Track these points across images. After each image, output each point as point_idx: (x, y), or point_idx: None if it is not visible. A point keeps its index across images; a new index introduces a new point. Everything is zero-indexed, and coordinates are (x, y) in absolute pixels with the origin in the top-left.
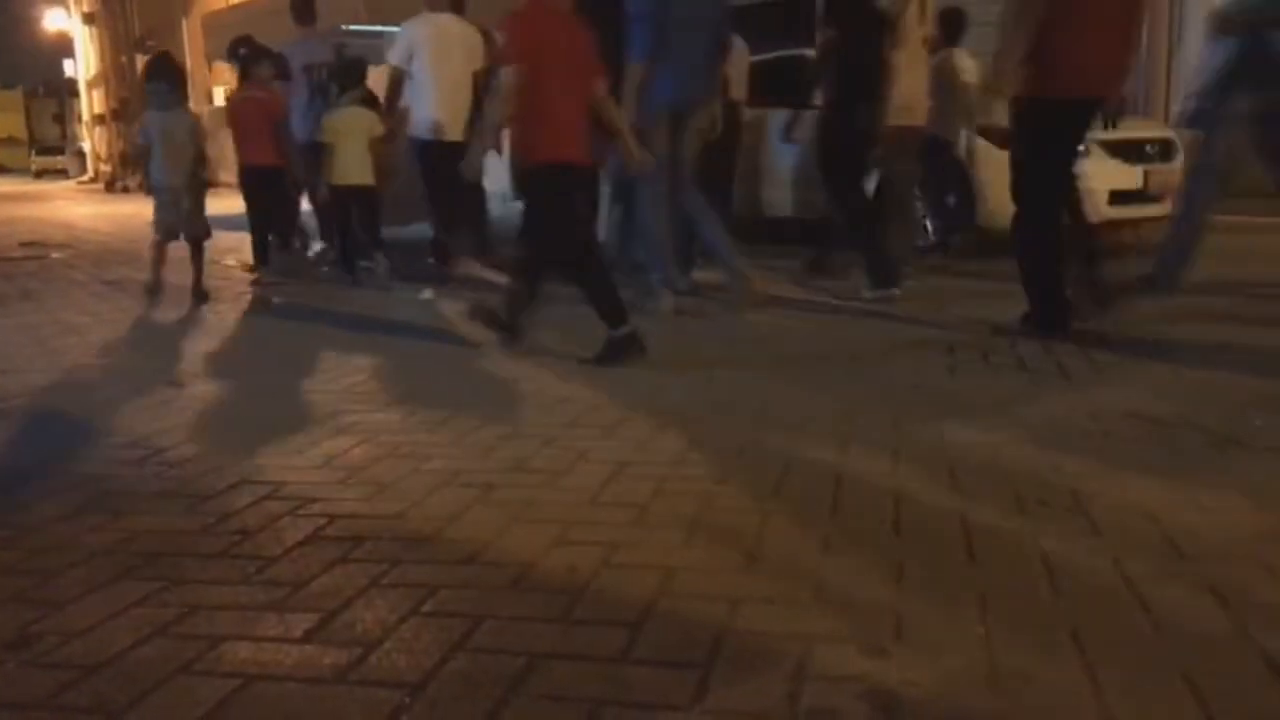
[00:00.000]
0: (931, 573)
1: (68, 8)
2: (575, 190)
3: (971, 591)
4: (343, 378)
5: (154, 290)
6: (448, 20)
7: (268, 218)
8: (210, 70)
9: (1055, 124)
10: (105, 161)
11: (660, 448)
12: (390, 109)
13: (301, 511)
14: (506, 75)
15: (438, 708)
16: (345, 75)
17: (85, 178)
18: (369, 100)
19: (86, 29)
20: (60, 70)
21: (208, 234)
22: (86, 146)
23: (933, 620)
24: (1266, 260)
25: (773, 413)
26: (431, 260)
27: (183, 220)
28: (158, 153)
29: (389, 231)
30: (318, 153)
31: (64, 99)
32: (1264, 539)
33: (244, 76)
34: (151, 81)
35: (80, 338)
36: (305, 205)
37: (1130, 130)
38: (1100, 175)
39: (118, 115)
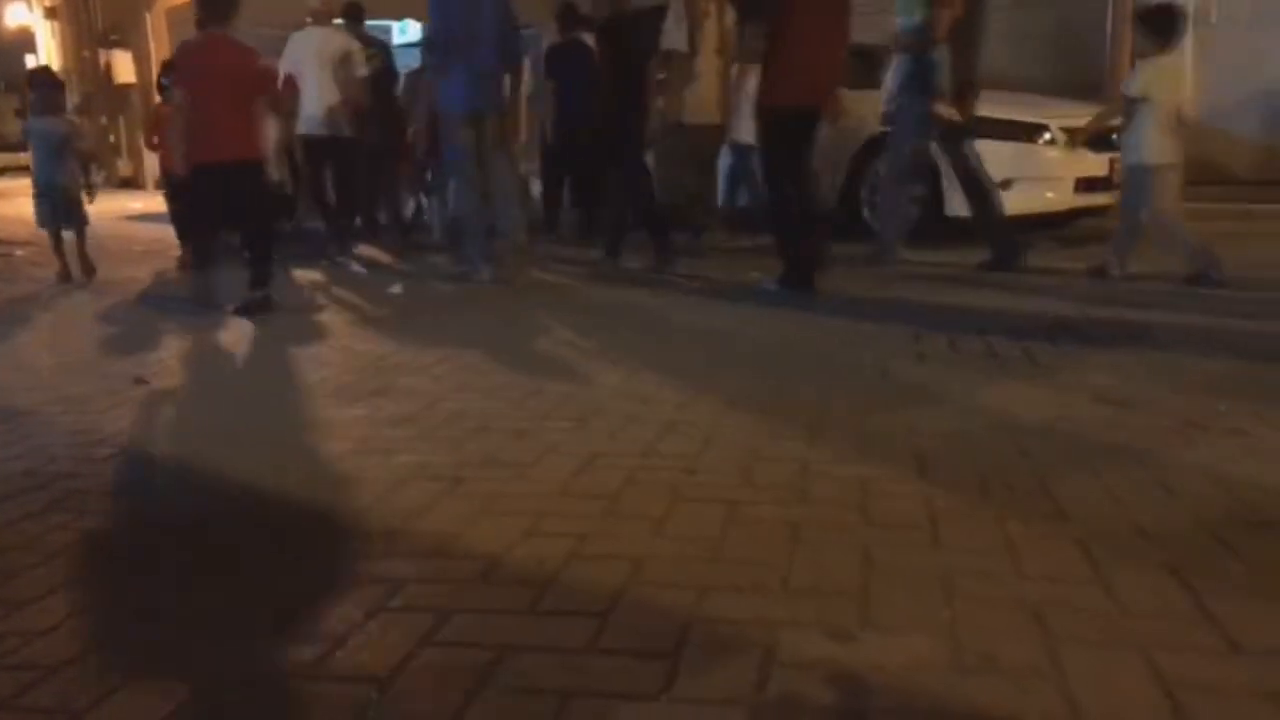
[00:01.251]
0: (898, 559)
1: (29, 3)
2: (213, 187)
3: (937, 576)
4: (308, 373)
5: (64, 278)
6: (328, 32)
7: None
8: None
9: (785, 126)
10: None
11: (631, 439)
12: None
13: None
14: (175, 96)
15: (405, 702)
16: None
17: None
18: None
19: (48, 24)
20: (22, 65)
21: (85, 222)
22: None
23: (899, 605)
24: (1233, 245)
25: (741, 403)
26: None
27: (61, 214)
28: (39, 155)
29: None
30: None
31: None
32: (1226, 521)
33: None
34: (33, 91)
35: (47, 335)
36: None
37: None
38: (1067, 164)
39: (82, 111)
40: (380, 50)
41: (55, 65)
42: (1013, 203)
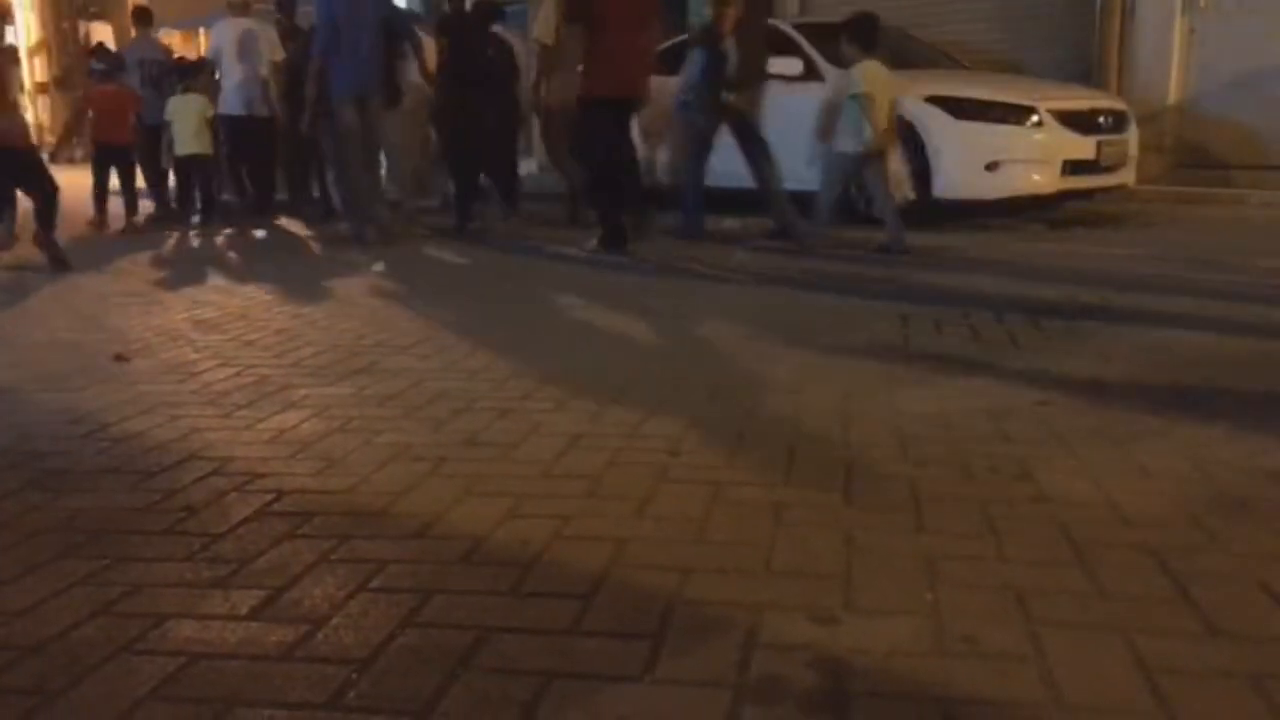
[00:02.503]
0: (881, 541)
1: None
2: None
3: (920, 558)
4: (290, 351)
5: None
6: (244, 22)
7: (120, 178)
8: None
9: (599, 114)
10: (50, 131)
11: (614, 420)
12: (207, 90)
13: (249, 487)
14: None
15: (385, 683)
16: (187, 72)
17: None
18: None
19: None
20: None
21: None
22: (29, 116)
23: (881, 587)
24: (1214, 230)
25: (726, 384)
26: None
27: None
28: None
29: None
30: (157, 132)
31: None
32: (1205, 505)
33: (104, 77)
34: None
35: (25, 312)
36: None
37: (1083, 101)
38: (1055, 146)
39: (61, 83)
40: (304, 38)
41: (33, 38)
42: (1000, 185)
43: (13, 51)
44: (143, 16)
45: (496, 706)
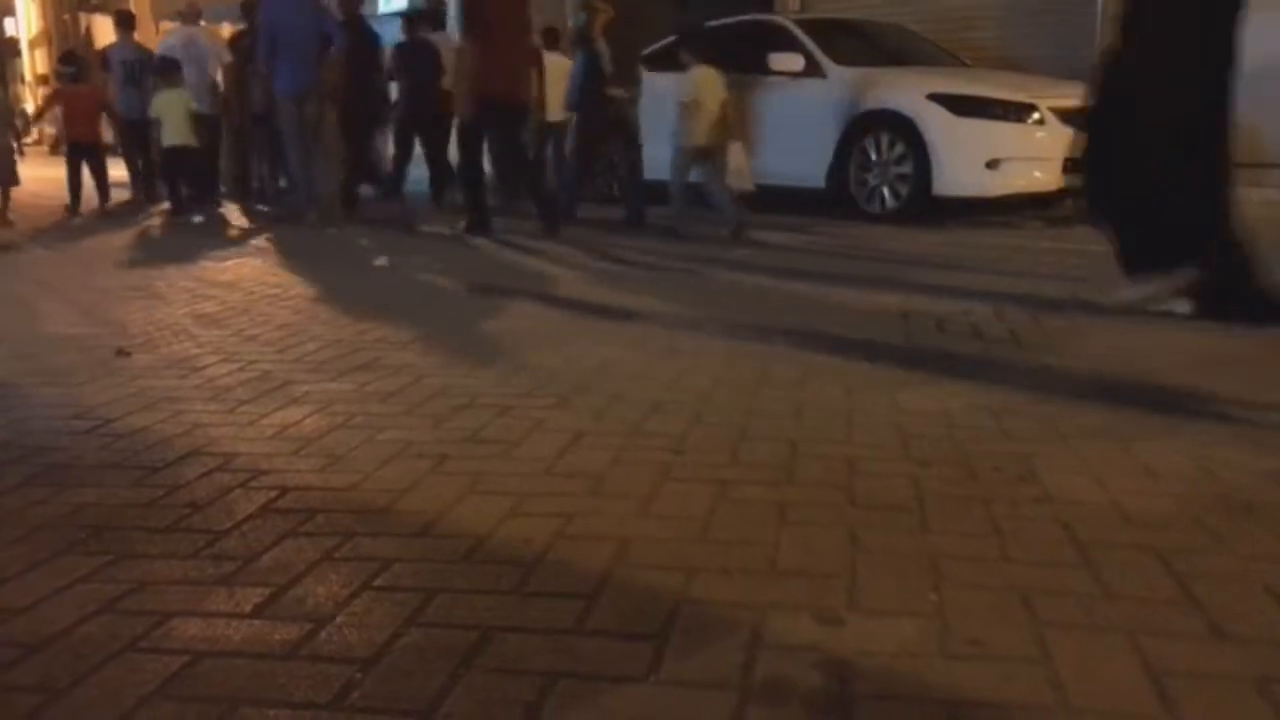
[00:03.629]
0: (885, 540)
1: None
2: None
3: (924, 558)
4: (293, 347)
5: None
6: (193, 30)
7: (91, 171)
8: (157, 29)
9: (478, 113)
10: (50, 123)
11: (616, 417)
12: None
13: (253, 484)
14: None
15: (389, 682)
16: (164, 69)
17: (29, 140)
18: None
19: None
20: (0, 30)
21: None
22: (30, 108)
23: (886, 588)
24: None
25: (727, 380)
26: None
27: None
28: None
29: None
30: (141, 128)
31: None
32: (1208, 505)
33: (73, 79)
34: None
35: (24, 306)
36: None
37: (1085, 99)
38: (1056, 144)
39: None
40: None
41: (34, 29)
42: (1001, 182)
43: (13, 43)
44: (124, 20)
45: (501, 707)
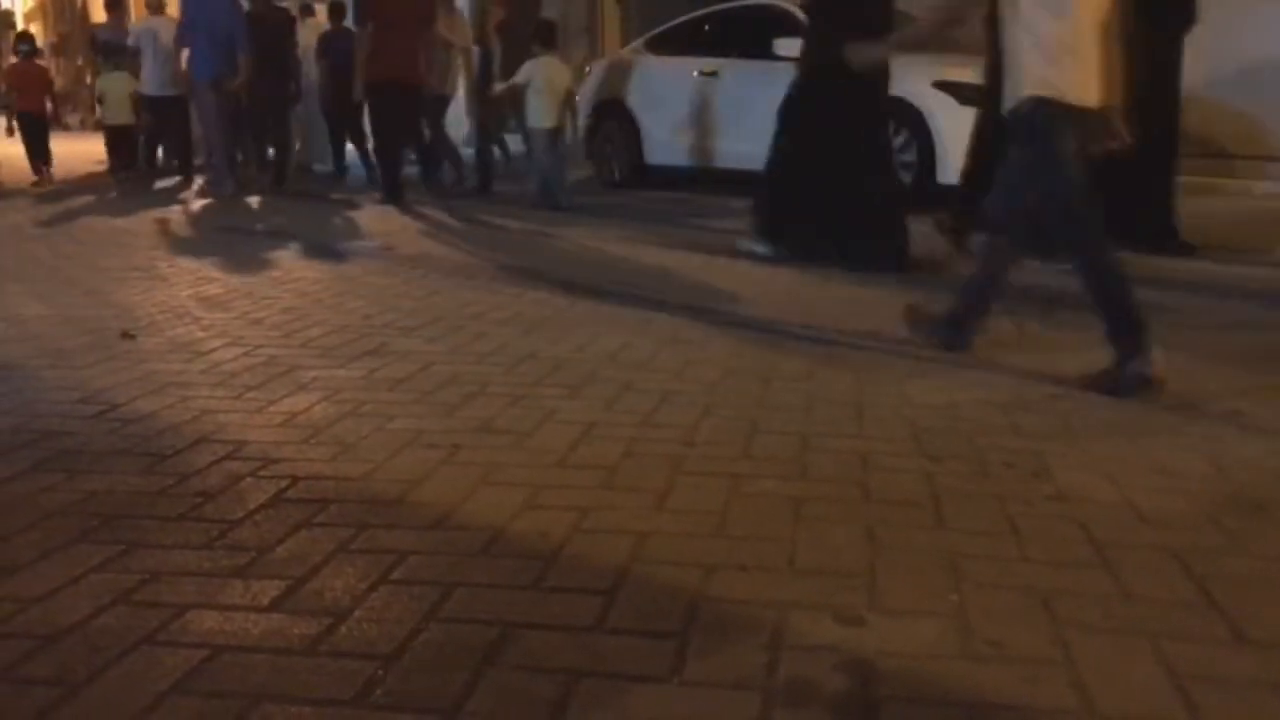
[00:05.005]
0: (902, 538)
1: None
2: None
3: (942, 557)
4: (299, 331)
5: None
6: (163, 20)
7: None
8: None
9: (376, 96)
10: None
11: (627, 407)
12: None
13: (263, 472)
14: None
15: (412, 680)
16: (108, 53)
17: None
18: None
19: None
20: None
21: None
22: None
23: (905, 587)
24: (1221, 220)
25: (736, 371)
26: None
27: None
28: None
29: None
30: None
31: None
32: (1223, 505)
33: (25, 57)
34: None
35: (26, 285)
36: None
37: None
38: None
39: (58, 50)
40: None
41: (30, 2)
42: None
43: (7, 16)
44: (111, 2)
45: (525, 706)
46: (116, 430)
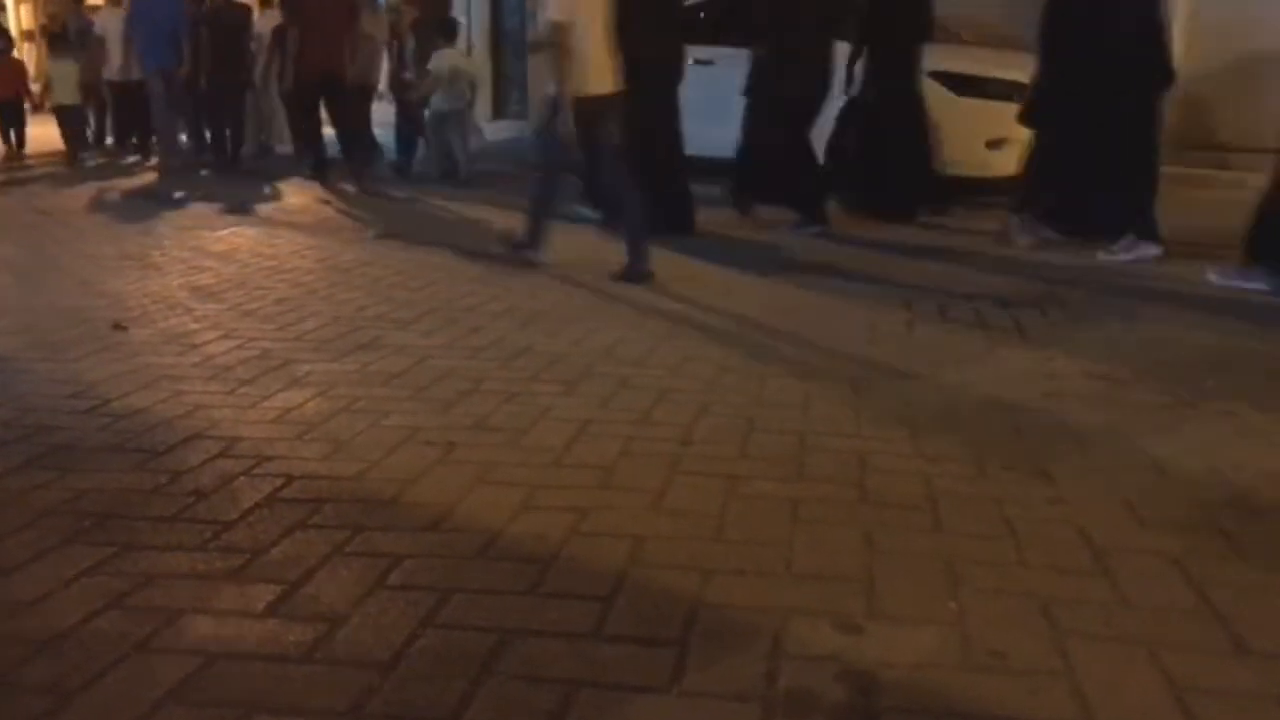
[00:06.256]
0: (900, 542)
1: None
2: None
3: (940, 562)
4: (292, 324)
5: None
6: (121, 10)
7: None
8: None
9: (303, 89)
10: (35, 80)
11: (622, 405)
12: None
13: (257, 471)
14: None
15: (408, 689)
16: (53, 42)
17: None
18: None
19: None
20: None
21: None
22: None
23: (904, 594)
24: (1214, 213)
25: (732, 370)
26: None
27: None
28: None
29: None
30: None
31: None
32: (1220, 508)
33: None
34: None
35: (15, 274)
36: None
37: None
38: None
39: (47, 32)
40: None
41: None
42: (1002, 163)
43: None
44: None
45: (524, 717)
46: (108, 426)
